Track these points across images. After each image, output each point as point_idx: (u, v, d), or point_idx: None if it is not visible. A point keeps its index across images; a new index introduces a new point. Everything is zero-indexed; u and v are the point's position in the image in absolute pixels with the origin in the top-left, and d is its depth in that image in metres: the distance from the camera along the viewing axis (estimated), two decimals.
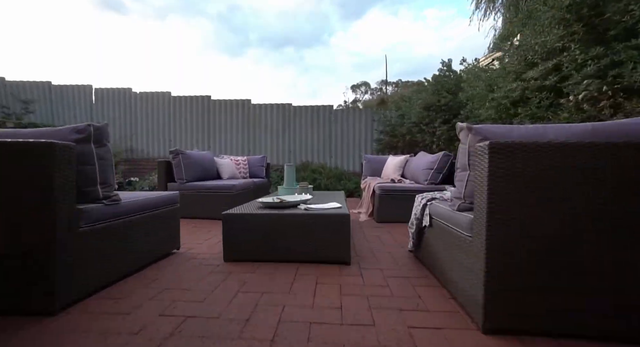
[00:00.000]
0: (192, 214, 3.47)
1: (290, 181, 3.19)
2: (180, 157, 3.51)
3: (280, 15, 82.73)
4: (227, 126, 7.37)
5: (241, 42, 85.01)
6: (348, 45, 74.47)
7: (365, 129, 7.17)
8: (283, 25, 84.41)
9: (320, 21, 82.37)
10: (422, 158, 3.68)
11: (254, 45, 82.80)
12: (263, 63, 77.99)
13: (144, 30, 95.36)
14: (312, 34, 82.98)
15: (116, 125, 7.44)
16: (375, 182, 3.76)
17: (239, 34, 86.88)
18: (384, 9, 76.70)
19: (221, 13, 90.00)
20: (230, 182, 3.62)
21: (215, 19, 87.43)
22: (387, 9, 76.14)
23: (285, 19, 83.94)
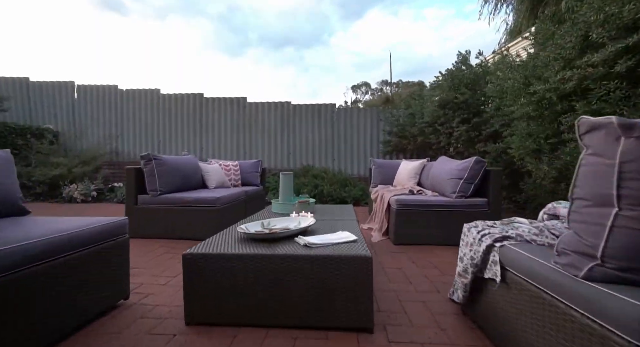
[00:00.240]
0: (168, 234, 2.82)
1: (287, 194, 2.55)
2: (154, 164, 2.87)
3: (280, 15, 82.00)
4: (220, 126, 6.73)
5: (241, 42, 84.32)
6: (348, 45, 73.88)
7: (370, 129, 6.53)
8: (283, 25, 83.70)
9: (320, 21, 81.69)
10: (445, 164, 3.04)
11: (254, 45, 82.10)
12: (263, 63, 77.33)
13: (143, 29, 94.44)
14: (312, 34, 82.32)
15: (100, 125, 6.79)
16: (389, 193, 3.12)
17: (239, 34, 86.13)
18: (384, 9, 76.05)
19: (221, 13, 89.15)
20: (213, 193, 2.98)
21: (215, 19, 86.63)
22: (387, 9, 75.47)
23: (285, 19, 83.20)
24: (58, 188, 5.20)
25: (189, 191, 3.24)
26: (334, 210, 2.63)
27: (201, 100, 6.78)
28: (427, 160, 4.12)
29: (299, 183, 5.34)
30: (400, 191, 3.19)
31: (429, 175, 3.34)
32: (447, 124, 4.63)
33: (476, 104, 4.36)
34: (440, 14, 68.48)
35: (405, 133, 5.48)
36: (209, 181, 3.61)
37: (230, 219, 3.11)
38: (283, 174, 2.56)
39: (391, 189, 3.45)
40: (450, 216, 2.65)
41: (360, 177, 6.29)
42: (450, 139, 4.59)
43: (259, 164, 4.31)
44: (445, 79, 4.64)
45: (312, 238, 1.48)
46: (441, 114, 4.62)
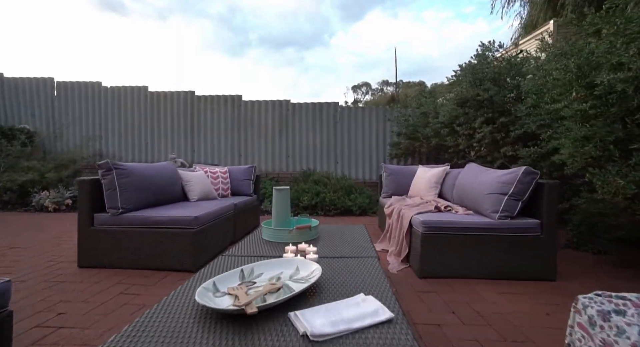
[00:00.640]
0: (132, 263, 2.21)
1: (282, 215, 1.94)
2: (114, 174, 2.25)
3: (281, 16, 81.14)
4: (213, 127, 6.12)
5: (241, 43, 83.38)
6: (348, 46, 73.04)
7: (377, 130, 5.92)
8: (283, 26, 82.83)
9: (320, 22, 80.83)
10: (479, 174, 2.42)
11: (254, 45, 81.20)
12: (263, 63, 76.44)
13: (142, 29, 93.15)
14: (312, 34, 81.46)
15: (82, 125, 6.18)
16: (409, 209, 2.51)
17: (239, 34, 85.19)
18: (384, 11, 75.13)
19: (221, 14, 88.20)
20: (192, 210, 2.36)
21: (215, 19, 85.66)
22: (387, 11, 74.55)
23: (285, 20, 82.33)
24: (28, 195, 4.59)
25: (165, 206, 2.62)
26: (344, 233, 2.02)
27: (192, 98, 6.17)
28: (446, 165, 3.52)
29: (298, 190, 4.73)
30: (422, 206, 2.57)
31: (456, 186, 2.73)
32: (467, 125, 4.02)
33: (501, 102, 3.75)
34: (440, 15, 67.71)
35: (416, 134, 4.86)
36: (190, 192, 3.00)
37: (214, 241, 2.50)
38: (277, 190, 1.95)
39: (409, 203, 2.84)
40: (491, 241, 2.04)
41: (366, 183, 5.69)
42: (470, 141, 3.98)
43: (252, 170, 3.70)
44: (465, 73, 4.02)
45: (317, 316, 0.86)
46: (460, 113, 4.00)
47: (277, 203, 1.96)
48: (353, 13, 77.15)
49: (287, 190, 1.97)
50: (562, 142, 2.48)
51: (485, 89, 3.73)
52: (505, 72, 3.76)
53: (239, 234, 3.18)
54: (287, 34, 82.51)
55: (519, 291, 1.87)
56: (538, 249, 2.01)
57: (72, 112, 6.17)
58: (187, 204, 2.71)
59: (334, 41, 77.80)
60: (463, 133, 4.04)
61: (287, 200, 1.99)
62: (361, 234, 2.00)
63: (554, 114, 2.75)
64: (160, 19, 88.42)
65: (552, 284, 1.96)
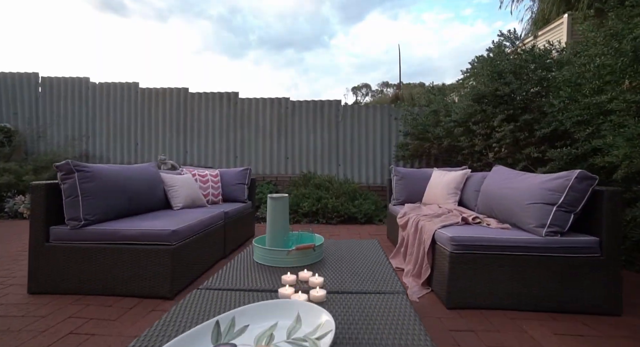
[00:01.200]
0: (95, 289, 1.80)
1: (279, 231, 1.54)
2: (76, 178, 1.85)
3: (281, 17, 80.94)
4: (208, 126, 5.71)
5: (241, 44, 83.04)
6: (348, 47, 72.85)
7: (381, 129, 5.52)
8: (283, 27, 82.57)
9: (320, 24, 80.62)
10: (512, 179, 2.02)
11: (254, 46, 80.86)
12: (263, 64, 76.09)
13: (143, 31, 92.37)
14: (312, 36, 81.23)
15: (68, 123, 5.77)
16: (429, 221, 2.10)
17: (239, 35, 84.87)
18: (384, 13, 75.02)
19: (222, 15, 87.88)
20: (171, 221, 1.95)
21: (215, 20, 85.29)
22: (387, 12, 74.45)
23: (285, 21, 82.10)
24: (2, 200, 4.17)
25: (142, 215, 2.21)
26: (354, 252, 1.62)
27: (186, 95, 5.77)
28: (464, 167, 3.12)
29: (298, 195, 4.32)
30: (445, 217, 2.17)
31: (482, 192, 2.33)
32: (484, 123, 3.63)
33: (524, 96, 3.36)
34: (439, 17, 67.60)
35: (426, 134, 4.47)
36: (174, 199, 2.59)
37: (198, 258, 2.09)
38: (273, 198, 1.55)
39: (427, 213, 2.43)
40: (537, 264, 1.64)
41: (371, 187, 5.28)
42: (488, 141, 3.59)
43: (246, 173, 3.29)
44: (482, 65, 3.63)
45: None
46: (477, 110, 3.61)
47: (273, 215, 1.55)
48: (353, 14, 77.02)
49: (285, 199, 1.57)
50: (610, 141, 2.08)
51: (506, 82, 3.34)
52: (527, 64, 3.37)
53: (231, 247, 2.77)
54: (287, 35, 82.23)
55: (578, 331, 1.46)
56: (597, 275, 1.60)
57: (58, 110, 5.75)
58: (168, 214, 2.30)
59: (334, 42, 77.56)
60: (479, 132, 3.65)
61: (285, 211, 1.58)
62: (375, 253, 1.60)
63: (594, 109, 2.36)
64: (160, 20, 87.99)
65: (618, 320, 1.56)
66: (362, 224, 4.11)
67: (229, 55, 77.86)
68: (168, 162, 4.81)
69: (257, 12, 78.74)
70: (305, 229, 1.70)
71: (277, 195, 1.57)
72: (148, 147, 5.77)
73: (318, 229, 3.80)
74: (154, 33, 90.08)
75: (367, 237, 3.46)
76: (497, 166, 2.37)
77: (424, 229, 2.03)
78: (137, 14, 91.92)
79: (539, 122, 3.15)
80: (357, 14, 75.09)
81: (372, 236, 3.53)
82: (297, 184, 4.80)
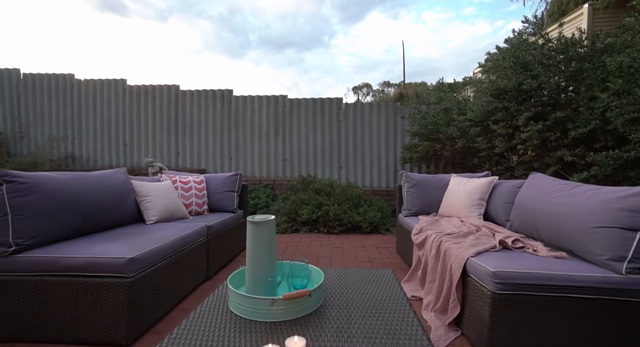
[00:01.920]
0: (30, 334, 1.38)
1: (263, 268, 1.12)
2: (4, 191, 1.42)
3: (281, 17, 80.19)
4: (200, 126, 5.29)
5: (241, 44, 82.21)
6: (349, 47, 72.03)
7: (386, 129, 5.09)
8: (283, 27, 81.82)
9: (320, 23, 79.78)
10: (562, 191, 1.58)
11: (254, 46, 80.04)
12: (263, 64, 75.33)
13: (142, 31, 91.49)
14: (312, 35, 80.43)
15: (52, 123, 5.36)
16: (455, 242, 1.67)
17: (239, 35, 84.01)
18: (384, 12, 74.03)
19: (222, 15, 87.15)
20: (127, 246, 1.52)
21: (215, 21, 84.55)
22: (388, 12, 73.50)
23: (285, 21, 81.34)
24: None
25: (101, 234, 1.79)
26: (364, 293, 1.19)
27: (177, 93, 5.35)
28: (485, 173, 2.69)
29: (297, 201, 3.89)
30: (476, 239, 1.73)
31: (516, 206, 1.89)
32: (505, 121, 3.19)
33: (555, 91, 2.92)
34: (440, 17, 66.80)
35: (437, 135, 4.02)
36: (147, 212, 2.16)
37: (167, 289, 1.65)
38: (253, 223, 1.12)
39: (450, 231, 2.00)
40: (615, 311, 1.20)
41: (375, 191, 4.85)
42: (511, 142, 3.14)
43: (236, 179, 2.86)
44: (503, 56, 3.19)
45: None
46: (498, 107, 3.17)
47: (255, 246, 1.13)
48: (353, 14, 76.10)
49: (269, 223, 1.14)
50: None
51: (533, 75, 2.90)
52: (557, 55, 2.92)
53: (217, 266, 2.35)
54: (287, 35, 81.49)
55: None
56: None
57: (41, 108, 5.34)
58: (135, 232, 1.87)
59: (334, 42, 76.72)
60: (500, 133, 3.21)
61: (272, 239, 1.15)
62: (393, 295, 1.17)
63: None
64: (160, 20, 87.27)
65: None
66: (367, 233, 3.68)
67: (229, 55, 77.16)
68: (156, 165, 4.39)
69: (257, 12, 78.07)
70: (300, 260, 1.27)
71: (260, 218, 1.14)
72: (137, 148, 5.36)
73: (318, 240, 3.38)
74: (152, 33, 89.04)
75: (374, 250, 3.03)
76: (536, 174, 1.93)
77: (450, 255, 1.60)
78: (136, 14, 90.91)
79: (573, 121, 2.71)
80: (358, 14, 74.35)
81: (379, 248, 3.09)
82: (295, 189, 4.37)
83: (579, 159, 2.64)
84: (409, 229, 2.40)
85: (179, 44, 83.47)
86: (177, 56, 76.47)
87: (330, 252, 2.98)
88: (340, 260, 2.71)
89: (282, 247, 3.10)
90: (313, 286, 1.13)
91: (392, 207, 4.61)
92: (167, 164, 5.29)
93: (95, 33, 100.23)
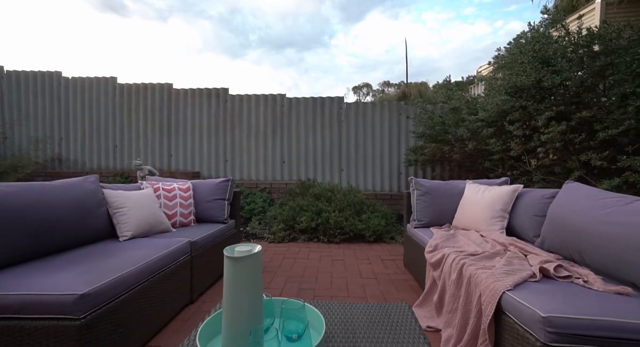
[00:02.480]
0: None
1: (245, 317, 0.81)
2: None
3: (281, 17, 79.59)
4: (194, 126, 4.99)
5: (241, 44, 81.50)
6: (349, 47, 71.53)
7: (390, 129, 4.79)
8: (283, 27, 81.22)
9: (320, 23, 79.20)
10: (617, 207, 1.29)
11: (254, 46, 79.38)
12: (263, 64, 74.76)
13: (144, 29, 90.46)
14: (312, 35, 79.86)
15: (38, 123, 5.05)
16: (488, 273, 1.37)
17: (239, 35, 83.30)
18: (385, 12, 73.44)
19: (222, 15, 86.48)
20: (82, 276, 1.21)
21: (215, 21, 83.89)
22: (388, 11, 72.91)
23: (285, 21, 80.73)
24: None
25: (61, 255, 1.49)
26: (373, 335, 0.88)
27: (170, 92, 5.04)
28: (505, 180, 2.39)
29: (295, 207, 3.59)
30: (507, 262, 1.43)
31: (549, 220, 1.59)
32: (522, 122, 2.90)
33: (579, 89, 2.62)
34: (440, 17, 66.35)
35: (446, 136, 3.73)
36: (122, 226, 1.86)
37: (136, 323, 1.35)
38: (232, 259, 0.82)
39: (474, 251, 1.70)
40: None
41: (378, 195, 4.56)
42: (529, 144, 2.85)
43: (227, 186, 2.56)
44: (521, 51, 2.89)
45: None
46: (515, 106, 2.87)
47: (234, 288, 0.83)
48: (353, 14, 75.51)
49: (254, 257, 0.84)
50: None
51: (556, 71, 2.60)
52: (579, 48, 2.63)
53: (203, 286, 2.05)
54: (287, 35, 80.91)
55: None
56: None
57: (26, 108, 5.04)
58: (102, 252, 1.57)
59: (335, 42, 76.20)
60: (517, 134, 2.91)
61: (257, 277, 0.85)
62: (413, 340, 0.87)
63: None
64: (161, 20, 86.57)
65: None
66: (371, 243, 3.38)
67: (229, 56, 76.49)
68: (145, 168, 4.09)
69: (257, 12, 77.52)
70: (296, 299, 0.98)
71: (242, 250, 0.85)
72: (128, 149, 5.05)
73: (318, 251, 3.08)
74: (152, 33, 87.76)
75: (379, 263, 2.74)
76: (572, 183, 1.63)
77: (478, 283, 1.30)
78: (137, 14, 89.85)
79: (601, 121, 2.42)
80: (358, 14, 73.82)
81: (385, 261, 2.80)
82: (293, 194, 4.07)
83: (608, 164, 2.35)
84: (419, 243, 2.11)
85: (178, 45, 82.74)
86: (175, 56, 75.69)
87: (331, 265, 2.69)
88: (342, 276, 2.42)
89: (278, 260, 2.80)
90: (311, 343, 0.84)
91: (396, 212, 4.31)
92: (159, 166, 4.99)
93: (93, 33, 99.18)
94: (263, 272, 2.50)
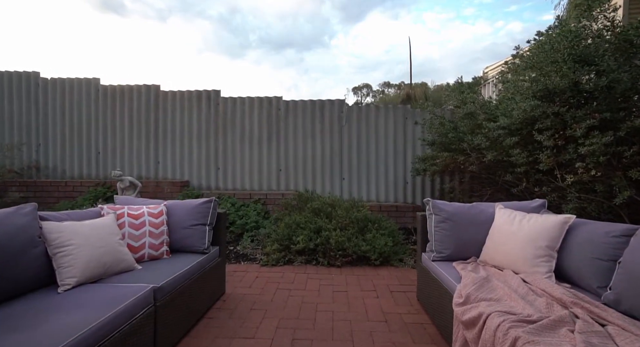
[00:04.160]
0: None
1: None
2: None
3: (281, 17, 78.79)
4: (184, 131, 4.56)
5: (241, 44, 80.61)
6: (349, 47, 70.83)
7: (395, 135, 4.37)
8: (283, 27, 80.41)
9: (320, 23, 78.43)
10: None
11: (254, 46, 78.50)
12: (263, 64, 74.00)
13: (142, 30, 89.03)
14: (312, 36, 79.07)
15: (13, 128, 4.62)
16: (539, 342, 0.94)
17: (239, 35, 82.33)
18: (385, 12, 72.66)
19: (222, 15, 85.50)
20: None
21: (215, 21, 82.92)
22: (388, 12, 72.13)
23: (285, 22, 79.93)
24: None
25: None
26: None
27: (157, 94, 4.61)
28: (542, 201, 1.96)
29: (291, 224, 3.17)
30: (583, 337, 1.00)
31: (626, 270, 1.17)
32: (554, 130, 2.47)
33: (625, 93, 2.19)
34: (440, 17, 65.64)
35: (460, 144, 3.29)
36: (64, 270, 1.43)
37: None
38: None
39: (526, 314, 1.28)
40: None
41: (382, 206, 4.13)
42: (562, 156, 2.42)
43: (209, 208, 2.13)
44: (552, 47, 2.46)
45: None
46: (549, 112, 2.44)
47: None
48: (353, 14, 74.73)
49: None
50: None
51: (599, 72, 2.17)
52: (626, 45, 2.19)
53: (173, 339, 1.62)
54: (287, 35, 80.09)
55: None
56: None
57: (0, 111, 4.60)
58: (20, 316, 1.14)
59: (335, 42, 75.47)
60: (547, 145, 2.48)
61: None
62: None
63: None
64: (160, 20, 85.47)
65: None
66: (377, 266, 2.96)
67: (228, 56, 75.62)
68: (125, 179, 3.66)
69: (257, 12, 76.66)
70: None
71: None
72: (112, 156, 4.62)
73: (317, 278, 2.66)
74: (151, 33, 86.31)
75: (388, 296, 2.31)
76: None
77: None
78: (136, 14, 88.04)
79: None
80: (358, 14, 73.01)
81: (395, 293, 2.37)
82: (290, 207, 3.64)
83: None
84: (441, 283, 1.69)
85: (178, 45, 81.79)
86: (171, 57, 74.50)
87: (332, 299, 2.26)
88: (344, 317, 1.99)
89: (270, 292, 2.37)
90: None
91: (402, 227, 3.89)
92: (145, 175, 4.56)
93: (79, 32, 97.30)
94: (251, 310, 2.07)
